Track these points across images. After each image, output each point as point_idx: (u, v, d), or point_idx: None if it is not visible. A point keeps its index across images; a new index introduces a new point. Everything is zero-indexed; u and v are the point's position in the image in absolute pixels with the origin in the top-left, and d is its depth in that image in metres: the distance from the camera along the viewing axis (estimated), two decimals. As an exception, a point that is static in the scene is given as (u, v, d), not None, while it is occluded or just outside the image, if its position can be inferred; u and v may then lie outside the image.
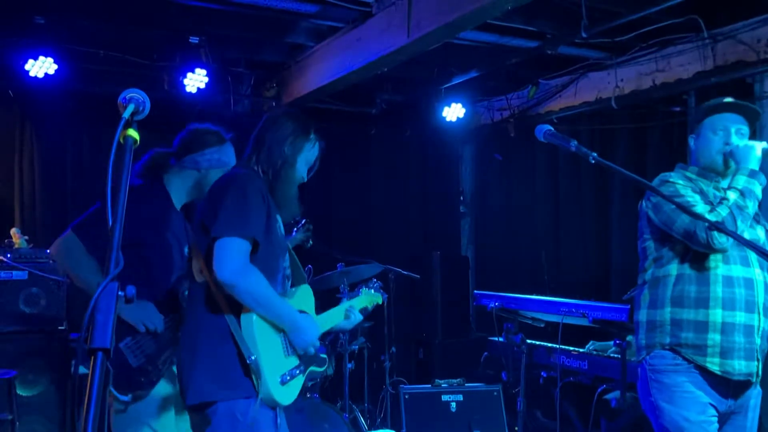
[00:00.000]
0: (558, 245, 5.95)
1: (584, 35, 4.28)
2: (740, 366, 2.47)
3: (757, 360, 2.51)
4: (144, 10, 4.43)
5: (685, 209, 2.25)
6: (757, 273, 2.54)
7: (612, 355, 4.10)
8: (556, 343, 4.31)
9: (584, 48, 5.07)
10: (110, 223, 1.34)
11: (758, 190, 2.50)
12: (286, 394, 2.25)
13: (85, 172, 5.53)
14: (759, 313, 2.51)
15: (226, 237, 2.14)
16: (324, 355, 2.45)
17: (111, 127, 1.48)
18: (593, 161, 2.15)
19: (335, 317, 2.63)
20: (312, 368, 2.41)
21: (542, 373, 4.43)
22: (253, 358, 2.12)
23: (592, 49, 5.12)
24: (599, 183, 5.57)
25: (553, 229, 6.05)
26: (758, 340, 2.51)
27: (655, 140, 5.12)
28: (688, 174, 2.66)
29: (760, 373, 2.54)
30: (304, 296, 2.46)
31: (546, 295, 4.77)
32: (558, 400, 4.26)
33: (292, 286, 2.47)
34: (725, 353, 2.46)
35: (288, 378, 2.25)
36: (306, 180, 2.48)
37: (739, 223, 2.41)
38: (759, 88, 4.42)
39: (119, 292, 1.31)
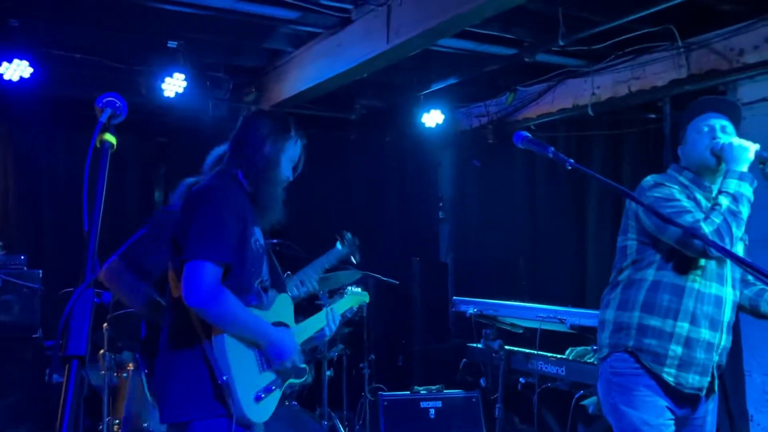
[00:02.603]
0: (536, 251, 5.99)
1: (561, 43, 4.33)
2: (693, 380, 2.51)
3: (712, 376, 2.54)
4: (122, 14, 4.39)
5: (673, 222, 2.21)
6: (728, 292, 2.55)
7: (589, 360, 4.13)
8: (535, 349, 4.33)
9: (561, 56, 5.12)
10: (86, 227, 1.32)
11: (750, 193, 2.44)
12: (261, 412, 2.19)
13: (60, 176, 5.45)
14: (722, 332, 2.53)
15: (196, 260, 2.06)
16: (303, 365, 2.39)
17: (88, 131, 1.47)
18: (570, 168, 2.16)
19: (316, 324, 2.57)
20: (290, 381, 2.34)
21: (520, 379, 4.45)
22: (224, 378, 2.08)
23: (570, 57, 5.17)
24: (576, 189, 5.62)
25: (531, 234, 6.08)
26: (716, 357, 2.54)
27: (631, 147, 5.18)
28: (682, 179, 2.60)
29: (715, 388, 2.58)
30: (282, 306, 2.39)
31: (524, 301, 4.80)
32: (536, 406, 4.28)
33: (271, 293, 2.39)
34: (682, 366, 2.49)
35: (263, 395, 2.19)
36: (292, 179, 2.40)
37: (734, 229, 2.35)
38: (731, 96, 4.50)
39: (95, 299, 1.30)
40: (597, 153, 5.44)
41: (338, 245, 3.66)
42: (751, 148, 2.47)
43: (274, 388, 2.24)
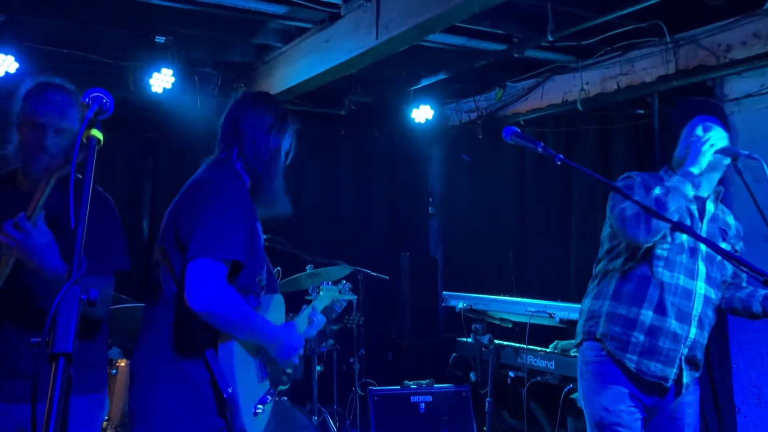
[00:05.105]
0: (524, 245, 6.00)
1: (550, 38, 4.33)
2: (655, 369, 2.55)
3: (679, 368, 2.57)
4: (109, 9, 4.35)
5: (624, 194, 2.29)
6: (699, 286, 2.60)
7: (573, 354, 4.15)
8: (524, 343, 4.35)
9: (550, 51, 5.12)
10: (72, 225, 1.31)
11: (688, 190, 2.50)
12: (257, 426, 2.11)
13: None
14: (692, 324, 2.58)
15: (201, 259, 1.90)
16: (290, 370, 2.35)
17: (73, 127, 1.45)
18: (559, 162, 2.18)
19: (301, 325, 2.49)
20: (279, 387, 2.31)
21: (510, 374, 4.47)
22: (230, 391, 1.95)
23: (559, 53, 5.18)
24: (564, 184, 5.62)
25: (519, 229, 6.09)
26: (684, 350, 2.57)
27: (619, 142, 5.19)
28: (666, 178, 2.66)
29: (685, 380, 2.60)
30: (276, 307, 2.32)
31: (513, 295, 4.82)
32: (525, 400, 4.30)
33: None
34: (645, 353, 2.54)
35: (261, 408, 2.09)
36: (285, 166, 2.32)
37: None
38: (719, 92, 4.52)
39: (82, 296, 1.28)
40: (586, 148, 5.45)
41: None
42: (710, 153, 2.54)
43: (269, 398, 2.17)
